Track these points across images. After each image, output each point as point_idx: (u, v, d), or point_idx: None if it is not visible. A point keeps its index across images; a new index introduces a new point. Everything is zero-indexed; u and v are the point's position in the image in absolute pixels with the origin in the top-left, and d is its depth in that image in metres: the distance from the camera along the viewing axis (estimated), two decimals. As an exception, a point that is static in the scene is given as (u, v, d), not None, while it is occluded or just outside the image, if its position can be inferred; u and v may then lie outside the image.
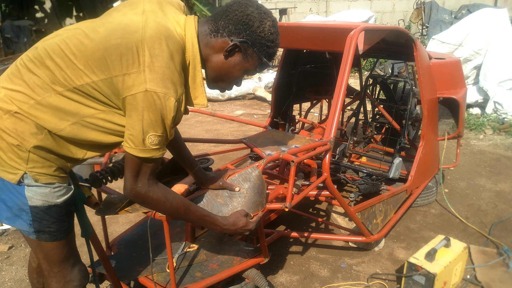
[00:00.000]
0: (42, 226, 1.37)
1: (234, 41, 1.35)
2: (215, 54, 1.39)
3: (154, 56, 1.23)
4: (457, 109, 3.28)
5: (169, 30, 1.29)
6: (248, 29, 1.35)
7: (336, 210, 3.09)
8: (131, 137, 1.27)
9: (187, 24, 1.36)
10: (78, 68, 1.26)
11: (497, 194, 3.60)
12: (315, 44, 2.74)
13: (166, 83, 1.22)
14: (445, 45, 5.81)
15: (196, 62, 1.36)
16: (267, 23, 1.37)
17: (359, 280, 2.51)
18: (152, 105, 1.21)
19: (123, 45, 1.24)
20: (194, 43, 1.34)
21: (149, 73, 1.21)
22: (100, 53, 1.24)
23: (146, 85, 1.20)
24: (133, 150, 1.27)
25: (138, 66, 1.22)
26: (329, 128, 2.11)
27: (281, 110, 3.76)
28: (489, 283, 2.43)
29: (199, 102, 1.42)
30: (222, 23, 1.36)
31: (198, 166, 1.76)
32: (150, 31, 1.26)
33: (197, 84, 1.40)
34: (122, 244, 2.21)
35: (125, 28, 1.27)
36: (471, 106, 5.84)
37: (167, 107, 1.23)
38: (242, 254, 2.07)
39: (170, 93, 1.23)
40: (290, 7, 10.55)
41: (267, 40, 1.39)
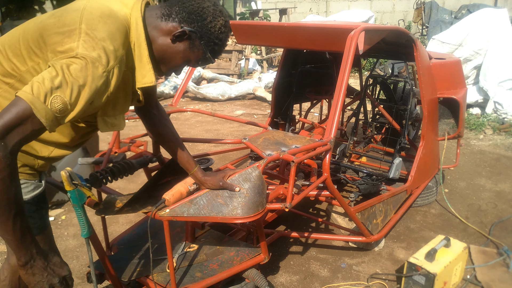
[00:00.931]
0: None
1: (184, 28, 1.35)
2: (162, 36, 1.38)
3: (92, 29, 1.20)
4: (457, 109, 3.28)
5: (111, 10, 1.28)
6: (201, 21, 1.36)
7: (336, 210, 3.09)
8: (34, 84, 1.08)
9: (134, 6, 1.35)
10: (21, 54, 1.23)
11: (497, 194, 3.60)
12: (315, 44, 2.74)
13: (98, 51, 1.17)
14: (445, 45, 5.81)
15: (141, 41, 1.34)
16: (220, 21, 1.38)
17: (359, 280, 2.51)
18: (78, 68, 1.13)
19: (60, 21, 1.22)
20: (139, 22, 1.33)
21: (83, 41, 1.17)
22: (39, 32, 1.22)
23: (78, 50, 1.15)
24: (29, 96, 1.06)
25: (73, 37, 1.18)
26: (329, 128, 2.11)
27: (281, 110, 3.76)
28: (489, 283, 2.43)
29: (147, 80, 1.38)
30: (176, 9, 1.36)
31: (197, 166, 1.76)
32: (90, 9, 1.24)
33: (143, 63, 1.36)
34: (122, 244, 2.21)
35: (65, 8, 1.27)
36: (471, 106, 5.84)
37: (93, 74, 1.15)
38: (242, 254, 2.07)
39: (100, 61, 1.17)
40: (290, 7, 10.55)
41: (215, 37, 1.39)
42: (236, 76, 8.16)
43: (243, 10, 11.69)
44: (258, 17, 9.76)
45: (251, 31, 3.08)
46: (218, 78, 7.80)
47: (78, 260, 2.71)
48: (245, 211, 1.70)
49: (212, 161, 2.05)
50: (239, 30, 3.07)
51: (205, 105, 6.83)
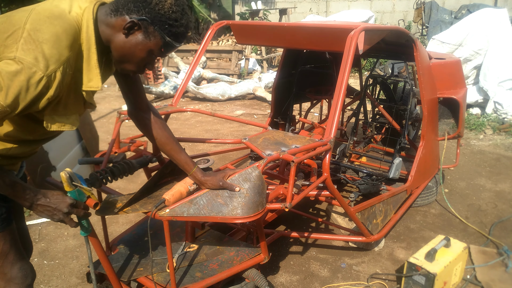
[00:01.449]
0: None
1: (132, 18, 1.31)
2: (116, 33, 1.34)
3: (35, 30, 1.17)
4: (457, 109, 3.28)
5: (62, 11, 1.25)
6: (147, 6, 1.30)
7: (336, 210, 3.09)
8: None
9: (87, 8, 1.32)
10: None
11: (497, 194, 3.60)
12: (315, 44, 2.74)
13: (37, 56, 1.15)
14: (445, 45, 5.81)
15: (90, 44, 1.31)
16: (168, 0, 1.32)
17: (359, 280, 2.51)
18: (14, 72, 1.12)
19: (7, 21, 1.21)
20: (90, 25, 1.30)
21: (23, 43, 1.15)
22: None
23: (16, 52, 1.14)
24: None
25: (15, 38, 1.17)
26: (329, 128, 2.11)
27: (281, 110, 3.76)
28: (489, 283, 2.43)
29: (93, 85, 1.35)
30: (122, 1, 1.32)
31: (195, 168, 1.76)
32: (39, 9, 1.23)
33: (91, 66, 1.33)
34: (122, 244, 2.21)
35: (19, 9, 1.25)
36: (471, 106, 5.84)
37: (29, 79, 1.14)
38: (242, 254, 2.07)
39: (39, 66, 1.15)
40: (290, 7, 10.55)
41: (168, 18, 1.33)
42: (236, 76, 8.16)
43: (243, 10, 11.68)
44: (258, 17, 9.75)
45: (251, 31, 3.08)
46: (218, 78, 7.80)
47: (78, 260, 2.71)
48: (245, 211, 1.70)
49: (212, 161, 2.05)
50: (239, 30, 3.07)
51: (205, 105, 6.83)
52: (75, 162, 3.23)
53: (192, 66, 2.85)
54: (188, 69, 2.85)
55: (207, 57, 8.57)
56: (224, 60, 8.66)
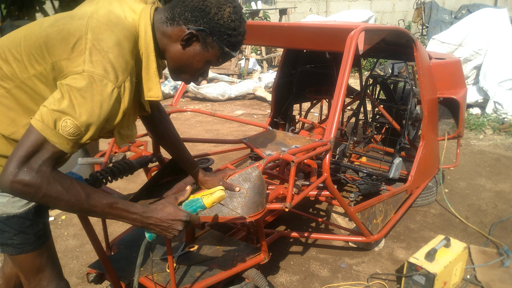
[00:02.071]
0: (4, 239, 1.28)
1: (190, 29, 1.25)
2: (173, 43, 1.29)
3: (98, 40, 1.13)
4: (457, 109, 3.28)
5: (119, 18, 1.21)
6: (205, 16, 1.24)
7: (336, 210, 3.09)
8: (43, 110, 1.08)
9: (143, 12, 1.26)
10: (23, 60, 1.16)
11: (497, 194, 3.60)
12: (315, 44, 2.74)
13: (106, 66, 1.11)
14: (445, 45, 5.81)
15: (149, 51, 1.26)
16: (227, 9, 1.25)
17: (359, 280, 2.51)
18: (85, 87, 1.08)
19: (65, 30, 1.15)
20: (148, 31, 1.25)
21: (89, 55, 1.11)
22: (42, 40, 1.15)
23: (84, 66, 1.09)
24: (38, 124, 1.06)
25: (79, 50, 1.12)
26: (329, 128, 2.11)
27: (281, 110, 3.76)
28: (489, 283, 2.43)
29: (153, 94, 1.31)
30: (178, 10, 1.26)
31: (198, 167, 1.76)
32: (97, 17, 1.18)
33: (150, 75, 1.29)
34: (122, 244, 2.21)
35: (71, 16, 1.21)
36: (471, 106, 5.84)
37: (102, 93, 1.09)
38: (242, 254, 2.07)
39: (109, 78, 1.11)
40: (290, 7, 10.55)
41: (227, 28, 1.26)
42: (236, 76, 8.16)
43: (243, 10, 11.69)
44: (258, 17, 9.75)
45: (251, 31, 3.06)
46: (218, 78, 7.80)
47: (78, 260, 2.71)
48: (245, 211, 1.70)
49: (212, 161, 2.05)
50: (239, 30, 3.06)
51: (205, 105, 6.83)
52: (75, 162, 3.22)
53: (192, 66, 2.84)
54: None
55: (207, 57, 8.56)
56: (224, 60, 8.65)
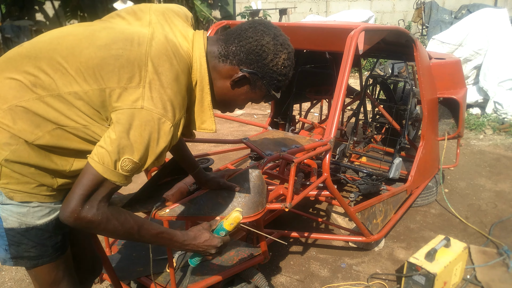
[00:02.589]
0: (20, 251, 1.24)
1: (243, 71, 1.24)
2: (221, 79, 1.28)
3: (158, 73, 1.11)
4: (457, 109, 3.28)
5: (175, 47, 1.19)
6: (261, 61, 1.24)
7: (336, 210, 3.09)
8: (102, 151, 1.08)
9: (196, 41, 1.25)
10: (69, 74, 1.12)
11: (497, 194, 3.60)
12: (315, 44, 2.74)
13: (165, 104, 1.10)
14: (445, 45, 5.81)
15: (204, 84, 1.25)
16: (282, 56, 1.25)
17: (359, 280, 2.51)
18: (143, 125, 1.07)
19: (124, 56, 1.12)
20: (203, 63, 1.23)
21: (149, 90, 1.09)
22: (97, 61, 1.12)
23: (143, 102, 1.08)
24: (99, 166, 1.09)
25: (138, 81, 1.10)
26: (329, 128, 2.11)
27: (281, 110, 3.76)
28: (489, 283, 2.43)
29: (207, 126, 1.31)
30: (233, 48, 1.24)
31: (199, 167, 1.76)
32: (157, 45, 1.15)
33: (205, 107, 1.28)
34: (122, 244, 2.21)
35: (128, 39, 1.16)
36: (471, 106, 5.83)
37: (160, 131, 1.09)
38: (242, 254, 2.07)
39: (168, 116, 1.10)
40: (290, 7, 10.55)
41: (278, 74, 1.27)
42: (236, 76, 8.15)
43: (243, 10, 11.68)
44: (258, 17, 9.75)
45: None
46: (218, 78, 7.79)
47: (78, 260, 2.70)
48: (245, 211, 1.70)
49: (212, 161, 2.05)
50: (239, 30, 3.06)
51: (205, 105, 6.83)
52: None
53: (192, 66, 2.84)
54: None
55: (207, 57, 8.56)
56: (224, 60, 8.65)
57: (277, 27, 1.29)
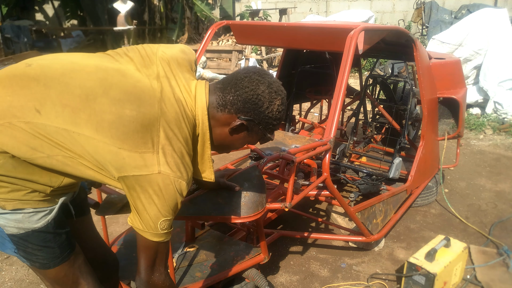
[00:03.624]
0: (29, 254, 1.26)
1: (241, 118, 1.31)
2: (220, 127, 1.35)
3: (169, 138, 1.18)
4: (457, 109, 3.28)
5: (183, 107, 1.25)
6: (257, 109, 1.30)
7: (336, 210, 3.09)
8: (141, 220, 1.20)
9: (198, 96, 1.30)
10: (80, 116, 1.14)
11: (497, 194, 3.60)
12: (315, 44, 2.74)
13: (179, 167, 1.19)
14: (445, 45, 5.80)
15: (205, 139, 1.33)
16: (277, 102, 1.32)
17: (359, 280, 2.51)
18: (164, 189, 1.16)
19: (138, 120, 1.16)
20: (205, 120, 1.30)
21: (162, 155, 1.16)
22: (112, 118, 1.14)
23: (159, 167, 1.15)
24: (147, 233, 1.20)
25: (151, 147, 1.15)
26: (329, 128, 2.11)
27: (281, 110, 3.76)
28: (489, 283, 2.43)
29: (206, 176, 1.41)
30: (230, 98, 1.30)
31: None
32: (166, 109, 1.20)
33: (204, 160, 1.37)
34: (122, 244, 2.21)
35: (140, 98, 1.19)
36: (471, 106, 5.83)
37: (179, 190, 1.19)
38: (242, 254, 2.07)
39: (183, 177, 1.19)
40: (290, 7, 10.54)
41: (274, 119, 1.34)
42: (236, 76, 8.14)
43: (243, 10, 11.68)
44: (258, 17, 9.75)
45: (251, 31, 3.08)
46: (218, 78, 7.79)
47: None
48: (245, 211, 1.70)
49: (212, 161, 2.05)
50: (239, 30, 3.07)
51: (205, 105, 6.83)
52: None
53: (192, 66, 2.84)
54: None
55: (207, 57, 8.57)
56: (224, 60, 8.65)
57: (270, 74, 1.36)
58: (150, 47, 1.36)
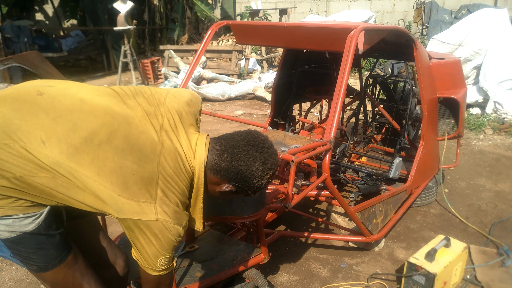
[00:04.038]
0: (25, 258, 1.27)
1: (231, 184, 1.37)
2: (211, 184, 1.41)
3: (166, 192, 1.25)
4: (457, 109, 3.28)
5: (183, 161, 1.31)
6: (247, 182, 1.37)
7: (336, 210, 3.09)
8: (142, 258, 1.29)
9: (198, 152, 1.35)
10: (83, 157, 1.19)
11: (497, 194, 3.60)
12: (315, 44, 2.74)
13: (176, 214, 1.26)
14: (445, 45, 5.80)
15: (199, 193, 1.39)
16: (267, 176, 1.39)
17: (359, 280, 2.51)
18: (160, 233, 1.23)
19: (138, 174, 1.22)
20: (201, 176, 1.35)
21: (160, 205, 1.23)
22: (114, 167, 1.20)
23: (157, 215, 1.22)
24: (148, 269, 1.31)
25: (149, 197, 1.22)
26: (329, 128, 2.11)
27: (281, 110, 3.76)
28: (489, 283, 2.43)
29: (194, 225, 1.47)
30: (224, 166, 1.35)
31: None
32: (167, 161, 1.26)
33: (196, 211, 1.43)
34: (122, 244, 2.21)
35: (142, 150, 1.24)
36: (471, 106, 5.83)
37: (175, 234, 1.26)
38: (242, 254, 2.07)
39: (179, 222, 1.27)
40: (290, 7, 10.54)
41: (261, 185, 1.41)
42: (236, 76, 8.16)
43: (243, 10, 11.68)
44: (258, 17, 9.75)
45: (251, 31, 3.08)
46: (218, 78, 7.80)
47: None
48: (245, 210, 1.70)
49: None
50: (239, 30, 3.07)
51: (205, 105, 6.83)
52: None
53: (192, 66, 2.85)
54: (188, 69, 2.86)
55: (207, 57, 8.57)
56: (224, 60, 8.66)
57: (269, 147, 1.39)
58: (159, 94, 1.40)
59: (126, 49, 7.68)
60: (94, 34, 11.02)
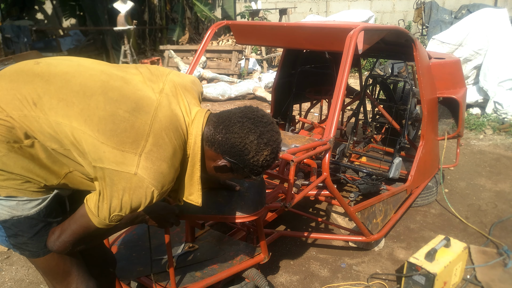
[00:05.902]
0: (19, 242, 1.28)
1: (226, 159, 1.31)
2: (208, 160, 1.35)
3: (157, 146, 1.18)
4: (457, 109, 3.28)
5: (179, 121, 1.26)
6: (242, 157, 1.30)
7: (336, 210, 3.09)
8: (98, 205, 1.20)
9: (196, 119, 1.31)
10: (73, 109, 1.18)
11: (497, 194, 3.60)
12: (315, 44, 2.74)
13: (157, 176, 1.17)
14: (445, 45, 5.80)
15: (195, 161, 1.32)
16: (264, 153, 1.30)
17: (359, 280, 2.51)
18: (133, 190, 1.15)
19: (130, 121, 1.17)
20: (197, 141, 1.30)
21: (144, 160, 1.16)
22: (103, 114, 1.17)
23: (137, 169, 1.14)
24: (94, 217, 1.21)
25: (136, 148, 1.16)
26: (329, 128, 2.11)
27: (281, 110, 3.76)
28: (489, 283, 2.43)
29: (193, 199, 1.39)
30: (219, 138, 1.30)
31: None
32: (161, 117, 1.21)
33: (194, 182, 1.36)
34: (122, 244, 2.21)
35: (137, 102, 1.21)
36: (471, 106, 5.83)
37: (147, 196, 1.18)
38: (242, 254, 2.07)
39: (157, 186, 1.18)
40: (290, 7, 10.54)
41: (259, 167, 1.33)
42: (236, 76, 8.16)
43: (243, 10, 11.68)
44: (258, 17, 9.75)
45: (251, 31, 3.08)
46: (218, 78, 7.80)
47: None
48: (245, 210, 1.70)
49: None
50: (239, 30, 3.07)
51: (205, 105, 6.83)
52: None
53: (192, 66, 2.85)
54: (188, 69, 2.86)
55: (207, 57, 8.57)
56: (224, 60, 8.66)
57: (267, 121, 1.32)
58: (163, 69, 1.39)
59: (126, 49, 7.68)
60: (94, 34, 11.03)
